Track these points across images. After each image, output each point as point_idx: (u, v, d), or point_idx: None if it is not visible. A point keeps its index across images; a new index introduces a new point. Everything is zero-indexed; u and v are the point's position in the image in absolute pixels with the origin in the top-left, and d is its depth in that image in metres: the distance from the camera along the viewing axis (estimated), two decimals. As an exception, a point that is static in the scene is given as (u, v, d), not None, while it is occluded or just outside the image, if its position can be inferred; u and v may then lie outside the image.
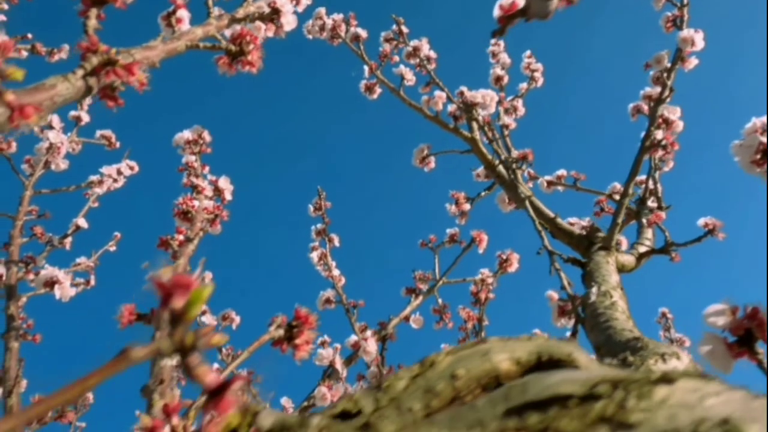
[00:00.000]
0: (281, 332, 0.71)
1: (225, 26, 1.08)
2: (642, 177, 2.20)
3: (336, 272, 2.87)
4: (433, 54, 2.79)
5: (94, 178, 2.96)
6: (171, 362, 0.71)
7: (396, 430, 0.21)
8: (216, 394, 0.23)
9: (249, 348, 0.69)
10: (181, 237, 1.19)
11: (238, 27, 0.98)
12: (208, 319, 2.52)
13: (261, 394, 1.03)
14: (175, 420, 0.53)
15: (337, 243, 3.04)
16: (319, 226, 3.09)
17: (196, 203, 1.44)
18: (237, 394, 0.23)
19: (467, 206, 2.26)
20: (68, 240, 2.85)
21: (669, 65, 1.82)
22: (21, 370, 1.42)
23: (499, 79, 2.98)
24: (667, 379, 0.22)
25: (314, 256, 3.01)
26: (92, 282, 2.83)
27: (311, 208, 3.18)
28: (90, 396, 2.93)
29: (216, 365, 2.36)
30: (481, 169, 2.71)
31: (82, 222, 2.94)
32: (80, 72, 0.58)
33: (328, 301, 2.63)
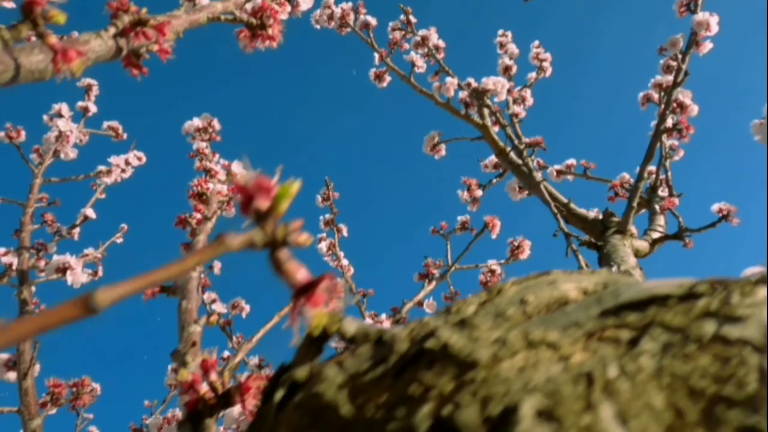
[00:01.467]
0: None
1: (243, 2, 1.07)
2: (652, 168, 2.19)
3: (345, 262, 2.87)
4: (441, 43, 2.78)
5: (102, 168, 2.96)
6: (199, 328, 0.71)
7: (488, 329, 0.21)
8: (305, 290, 0.23)
9: (279, 313, 0.68)
10: (198, 216, 1.19)
11: (258, 1, 0.98)
12: (218, 307, 2.52)
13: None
14: (214, 376, 0.52)
15: (345, 233, 3.04)
16: (328, 216, 3.09)
17: (210, 185, 1.44)
18: (327, 291, 0.23)
19: (479, 192, 2.25)
20: (76, 230, 2.85)
21: (684, 49, 1.80)
22: (36, 352, 1.41)
23: (507, 68, 2.97)
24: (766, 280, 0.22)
25: (323, 246, 3.01)
26: (100, 273, 2.83)
27: (319, 198, 3.18)
28: (98, 387, 2.92)
29: (227, 352, 2.36)
30: (489, 160, 2.70)
31: (90, 212, 2.94)
32: (112, 30, 0.58)
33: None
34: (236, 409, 0.52)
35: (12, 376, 1.60)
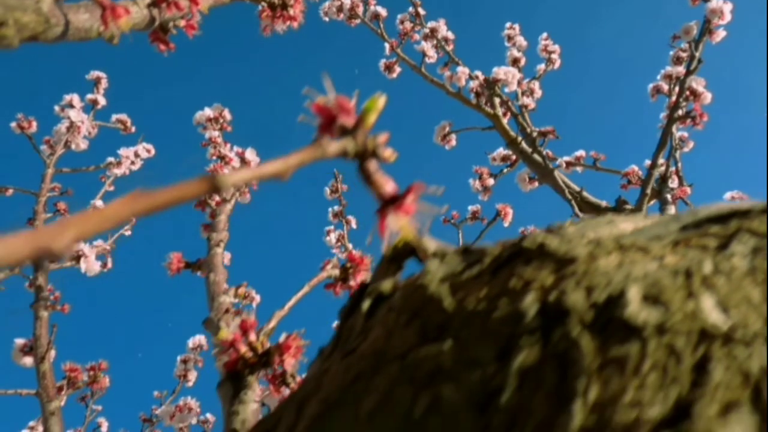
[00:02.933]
0: (337, 272, 0.71)
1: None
2: (662, 160, 2.18)
3: (349, 246, 2.87)
4: (450, 35, 2.78)
5: (112, 159, 2.97)
6: (229, 299, 0.71)
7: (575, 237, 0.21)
8: (393, 201, 0.23)
9: (310, 282, 0.69)
10: (217, 197, 1.19)
11: (279, -19, 0.98)
12: (229, 296, 2.53)
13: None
14: (252, 336, 0.53)
15: (354, 225, 3.05)
16: (336, 208, 3.10)
17: (225, 171, 1.44)
18: (416, 201, 0.23)
19: (491, 181, 2.25)
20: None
21: (697, 37, 1.80)
22: (54, 336, 1.42)
23: (516, 61, 2.96)
24: None
25: (332, 238, 3.02)
26: (109, 265, 2.84)
27: (328, 190, 3.19)
28: (106, 379, 2.94)
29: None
30: (497, 152, 2.70)
31: (99, 204, 2.95)
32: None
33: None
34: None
35: (28, 360, 1.61)
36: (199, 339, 3.05)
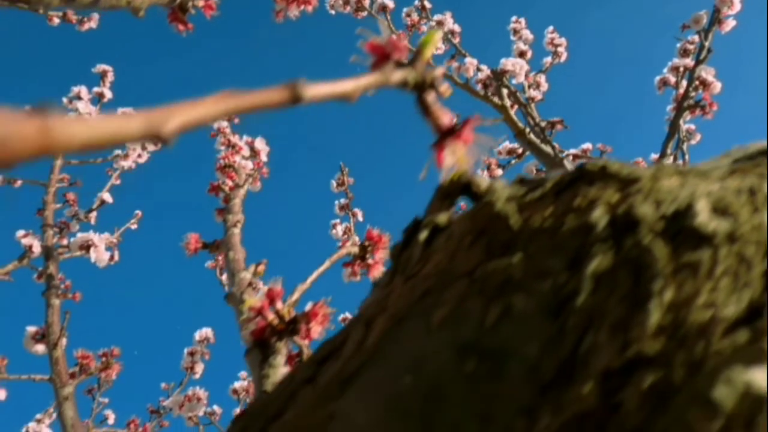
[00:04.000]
0: (356, 249, 0.72)
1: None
2: (670, 152, 2.18)
3: (357, 240, 2.87)
4: (457, 28, 2.77)
5: (119, 152, 2.98)
6: (249, 275, 0.72)
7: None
8: (450, 133, 0.24)
9: (330, 258, 0.69)
10: (230, 183, 1.20)
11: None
12: (238, 288, 2.54)
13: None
14: (280, 304, 0.53)
15: (360, 218, 3.05)
16: (343, 201, 3.11)
17: (237, 158, 1.45)
18: (472, 132, 0.23)
19: (499, 172, 2.26)
20: (93, 214, 2.87)
21: (706, 27, 1.80)
22: (66, 323, 1.43)
23: (522, 54, 2.96)
24: None
25: (338, 230, 3.03)
26: (116, 257, 2.85)
27: (334, 183, 3.19)
28: (113, 372, 2.95)
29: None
30: (502, 147, 2.70)
31: (107, 197, 2.96)
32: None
33: (353, 273, 2.64)
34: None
35: (40, 348, 1.62)
36: (206, 332, 3.06)
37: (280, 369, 0.51)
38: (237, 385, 2.93)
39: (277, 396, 0.18)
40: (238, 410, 2.93)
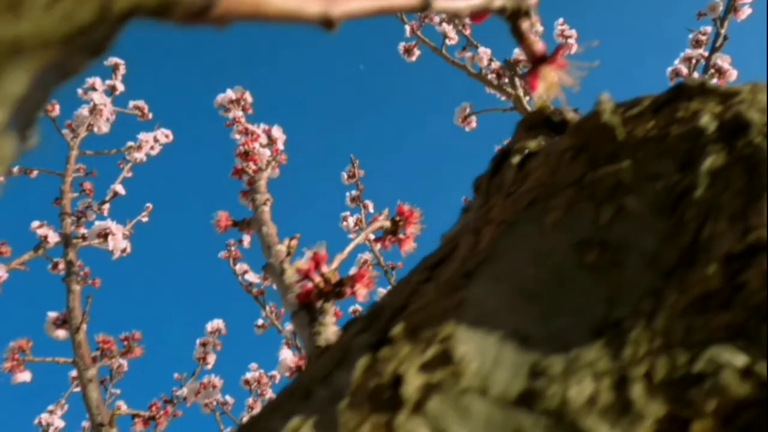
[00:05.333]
0: (388, 224, 0.73)
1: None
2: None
3: (372, 236, 2.89)
4: (468, 19, 2.78)
5: (131, 143, 2.99)
6: (284, 248, 0.73)
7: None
8: (543, 60, 0.24)
9: (365, 231, 0.70)
10: (254, 166, 1.21)
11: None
12: (251, 277, 2.55)
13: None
14: (324, 268, 0.54)
15: (371, 209, 3.07)
16: (354, 192, 3.12)
17: (256, 145, 1.46)
18: (565, 60, 0.24)
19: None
20: (106, 206, 2.89)
21: (722, 15, 1.80)
22: (89, 306, 1.45)
23: (533, 45, 2.95)
24: None
25: (349, 222, 3.04)
26: (128, 249, 2.87)
27: (345, 176, 3.20)
28: (125, 364, 2.98)
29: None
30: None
31: (119, 188, 2.97)
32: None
33: (365, 263, 2.66)
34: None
35: (61, 333, 1.64)
36: (217, 323, 3.07)
37: (330, 327, 0.52)
38: (249, 375, 2.95)
39: (396, 296, 0.19)
40: (250, 400, 2.95)
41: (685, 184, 0.17)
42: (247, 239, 2.81)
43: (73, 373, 2.99)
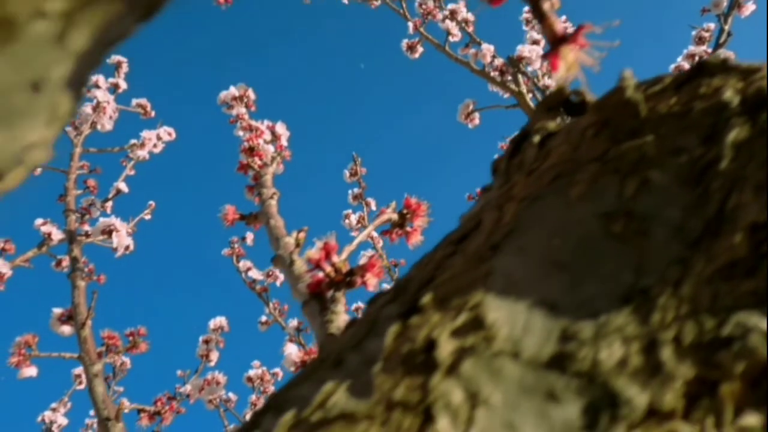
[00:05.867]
0: (395, 216, 0.73)
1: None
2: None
3: (374, 234, 2.90)
4: (470, 16, 2.78)
5: (135, 141, 3.00)
6: (292, 240, 0.73)
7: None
8: (564, 39, 0.25)
9: (373, 223, 0.71)
10: (259, 161, 1.21)
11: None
12: (255, 274, 2.56)
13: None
14: (335, 258, 0.55)
15: (374, 207, 3.07)
16: (356, 190, 3.12)
17: (260, 141, 1.46)
18: (584, 38, 0.25)
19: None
20: (109, 204, 2.89)
21: (726, 11, 1.80)
22: (94, 302, 1.45)
23: (535, 43, 2.96)
24: None
25: (352, 220, 3.04)
26: (131, 247, 2.87)
27: (347, 173, 3.21)
28: (127, 362, 2.98)
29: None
30: (515, 136, 2.70)
31: (122, 186, 2.98)
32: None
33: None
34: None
35: (66, 329, 1.65)
36: (220, 320, 3.08)
37: (341, 315, 0.52)
38: (251, 372, 2.95)
39: (421, 270, 0.19)
40: (253, 397, 2.95)
41: (709, 157, 0.18)
42: (250, 236, 2.82)
43: (76, 370, 2.99)
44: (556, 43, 0.25)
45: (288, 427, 0.14)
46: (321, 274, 0.54)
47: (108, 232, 1.92)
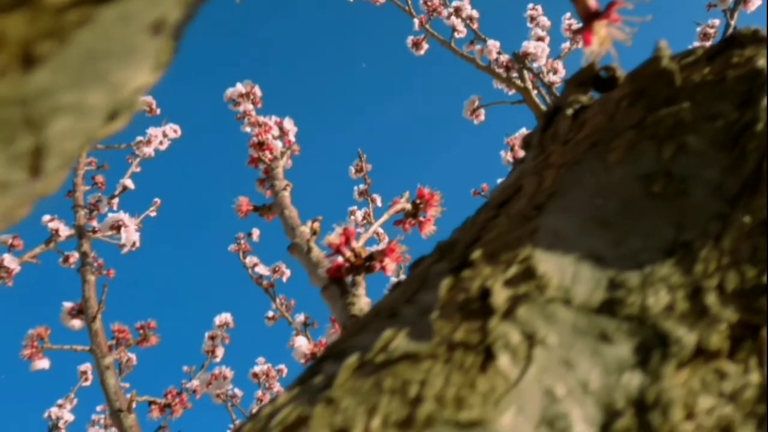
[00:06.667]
0: (409, 206, 0.74)
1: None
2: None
3: (380, 230, 2.91)
4: (475, 13, 2.78)
5: (141, 138, 3.01)
6: (307, 229, 0.74)
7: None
8: (597, 15, 0.26)
9: (388, 211, 0.71)
10: (269, 155, 1.22)
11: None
12: (261, 270, 2.57)
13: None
14: (354, 243, 0.55)
15: (379, 203, 3.08)
16: (362, 186, 3.13)
17: (269, 136, 1.47)
18: (617, 14, 0.25)
19: (522, 153, 2.27)
20: (116, 200, 2.90)
21: (732, 6, 1.80)
22: (105, 295, 1.46)
23: (540, 40, 2.96)
24: None
25: (357, 216, 3.05)
26: (137, 244, 2.88)
27: (352, 170, 3.22)
28: (134, 358, 2.99)
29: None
30: (518, 135, 2.71)
31: (128, 182, 2.99)
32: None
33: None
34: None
35: (76, 323, 1.66)
36: (225, 317, 3.09)
37: (362, 298, 0.53)
38: (257, 369, 2.96)
39: (465, 232, 0.20)
40: (259, 392, 2.96)
41: (745, 120, 0.18)
42: (256, 233, 2.83)
43: (82, 367, 3.01)
44: (589, 18, 0.26)
45: (353, 369, 0.15)
46: (341, 259, 0.55)
47: (116, 227, 1.94)
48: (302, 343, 1.17)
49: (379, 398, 0.14)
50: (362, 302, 0.52)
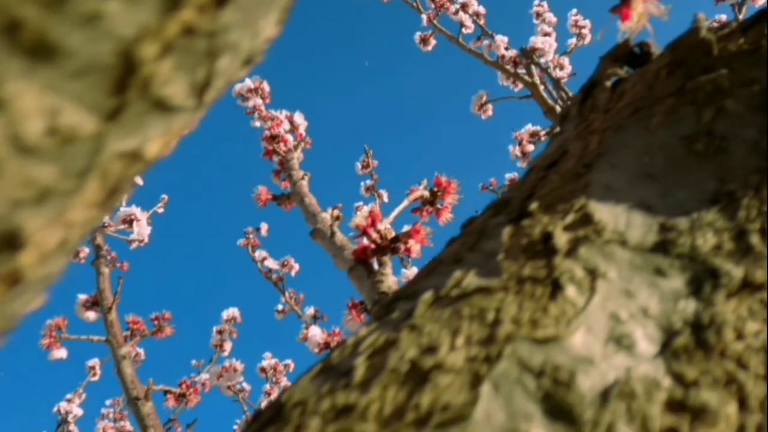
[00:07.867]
0: (427, 193, 0.75)
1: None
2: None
3: (387, 225, 2.93)
4: (482, 9, 2.79)
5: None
6: (327, 216, 0.76)
7: None
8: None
9: (408, 197, 0.73)
10: (284, 147, 1.24)
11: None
12: (270, 264, 2.59)
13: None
14: (380, 225, 0.57)
15: (386, 199, 3.09)
16: (368, 182, 3.15)
17: (281, 129, 1.49)
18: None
19: (530, 147, 2.29)
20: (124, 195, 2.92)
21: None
22: (120, 287, 1.48)
23: (546, 36, 2.97)
24: None
25: (364, 210, 3.08)
26: (145, 240, 2.91)
27: (359, 165, 3.24)
28: (142, 353, 3.01)
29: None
30: (524, 130, 2.72)
31: (137, 178, 3.01)
32: None
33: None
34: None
35: (91, 315, 1.68)
36: (233, 311, 3.11)
37: (390, 276, 0.55)
38: (264, 363, 2.99)
39: (518, 189, 0.22)
40: (267, 386, 2.99)
41: (779, 85, 0.20)
42: (264, 227, 2.85)
43: (90, 362, 3.03)
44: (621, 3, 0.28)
45: (429, 303, 0.17)
46: (366, 241, 0.56)
47: (129, 221, 1.96)
48: (316, 333, 1.19)
49: (459, 323, 0.15)
50: (390, 280, 0.54)
